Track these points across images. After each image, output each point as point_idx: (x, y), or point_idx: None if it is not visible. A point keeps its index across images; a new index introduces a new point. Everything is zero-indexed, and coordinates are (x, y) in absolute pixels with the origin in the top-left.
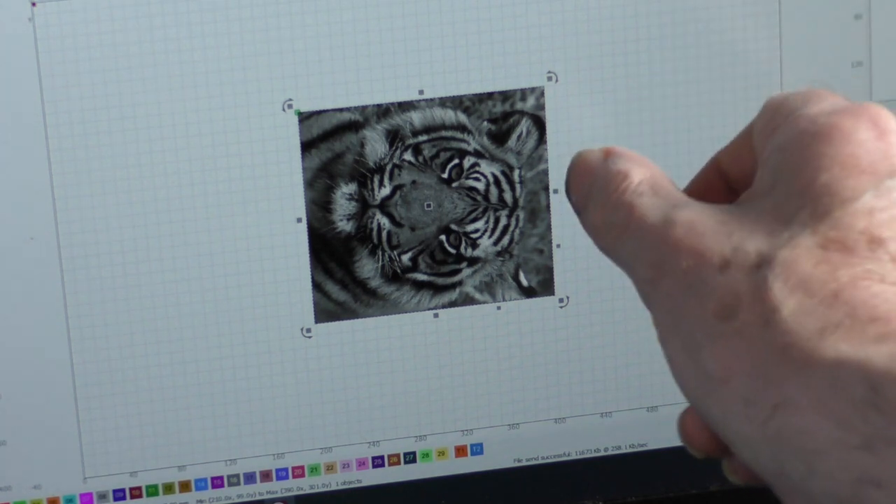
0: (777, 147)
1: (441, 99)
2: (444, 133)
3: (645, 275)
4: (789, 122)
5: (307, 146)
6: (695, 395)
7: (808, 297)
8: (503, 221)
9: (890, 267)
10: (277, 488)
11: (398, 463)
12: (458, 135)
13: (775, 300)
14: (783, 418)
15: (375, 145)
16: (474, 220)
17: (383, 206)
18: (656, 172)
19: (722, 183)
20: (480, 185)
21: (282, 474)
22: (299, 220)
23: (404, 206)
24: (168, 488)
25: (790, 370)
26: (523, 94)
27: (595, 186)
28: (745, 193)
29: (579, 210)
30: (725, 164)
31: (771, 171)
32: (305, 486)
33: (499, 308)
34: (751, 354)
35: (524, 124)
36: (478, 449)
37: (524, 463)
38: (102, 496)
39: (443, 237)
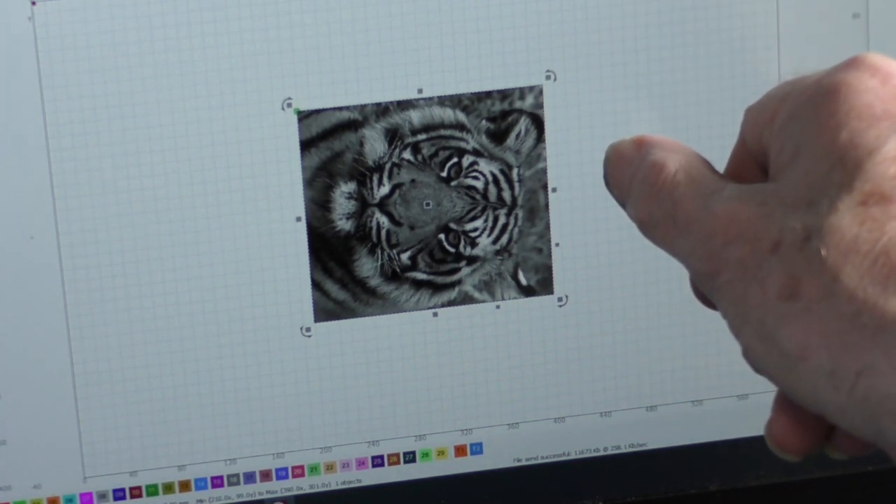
0: (788, 117)
1: (440, 98)
2: (442, 132)
3: (702, 270)
4: (792, 96)
5: (306, 145)
6: (779, 376)
7: (862, 259)
8: (502, 220)
9: None
10: (277, 488)
11: (398, 463)
12: (457, 133)
13: (832, 269)
14: (868, 383)
15: (374, 144)
16: (473, 218)
17: (382, 205)
18: (691, 157)
19: (753, 160)
20: (479, 184)
21: (281, 474)
22: (298, 219)
23: (403, 205)
24: (168, 488)
25: (864, 336)
26: (522, 92)
27: (634, 180)
28: (772, 170)
29: (622, 204)
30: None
31: (791, 142)
32: (305, 485)
33: (498, 307)
34: (823, 328)
35: (523, 123)
36: (477, 448)
37: (524, 463)
38: (102, 496)
39: (442, 236)
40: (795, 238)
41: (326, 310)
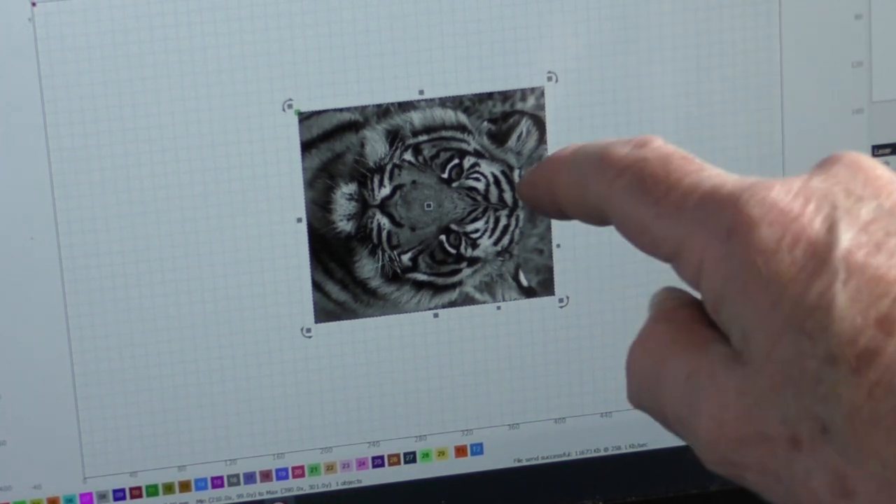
0: (714, 301)
1: (441, 99)
2: (444, 133)
3: (722, 471)
4: (704, 272)
5: (307, 146)
6: None
7: (890, 432)
8: (503, 221)
9: None
10: (277, 488)
11: (398, 463)
12: (459, 135)
13: (873, 454)
14: None
15: (375, 145)
16: (474, 220)
17: (383, 206)
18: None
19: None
20: (480, 185)
21: (282, 474)
22: (299, 220)
23: (404, 206)
24: (168, 488)
25: None
26: (523, 94)
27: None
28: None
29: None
30: None
31: (735, 327)
32: (305, 486)
33: (499, 308)
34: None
35: (524, 124)
36: (478, 449)
37: (524, 463)
38: (102, 496)
39: (443, 237)
40: (812, 430)
41: (327, 311)
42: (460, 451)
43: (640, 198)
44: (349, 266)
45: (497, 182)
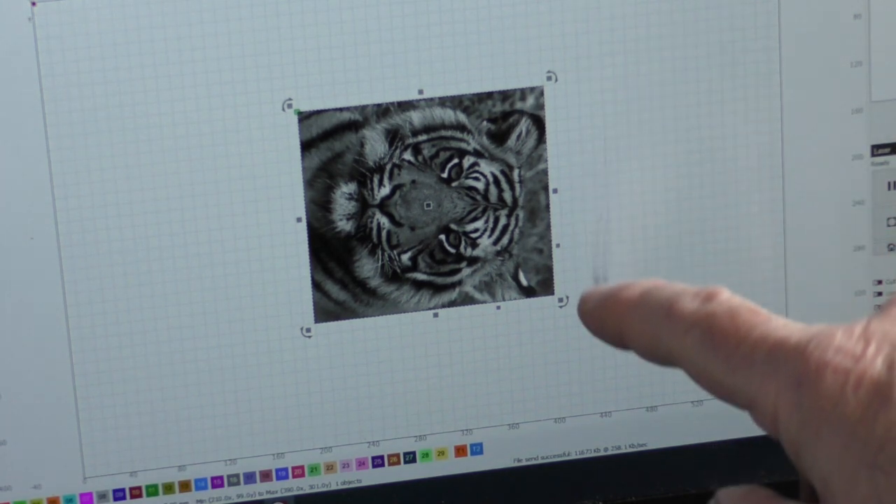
0: (795, 450)
1: (441, 98)
2: (443, 133)
3: None
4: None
5: (307, 146)
6: None
7: None
8: (503, 221)
9: None
10: (277, 488)
11: (398, 463)
12: (458, 134)
13: None
14: None
15: (375, 145)
16: (474, 219)
17: (383, 206)
18: None
19: None
20: (480, 185)
21: (282, 474)
22: (299, 219)
23: (404, 206)
24: (168, 488)
25: None
26: (523, 93)
27: None
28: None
29: None
30: None
31: (816, 474)
32: (305, 485)
33: (498, 308)
34: None
35: (524, 124)
36: (478, 449)
37: (524, 463)
38: (102, 496)
39: (442, 237)
40: None
41: (327, 310)
42: (460, 450)
43: (711, 353)
44: (349, 266)
45: (496, 181)
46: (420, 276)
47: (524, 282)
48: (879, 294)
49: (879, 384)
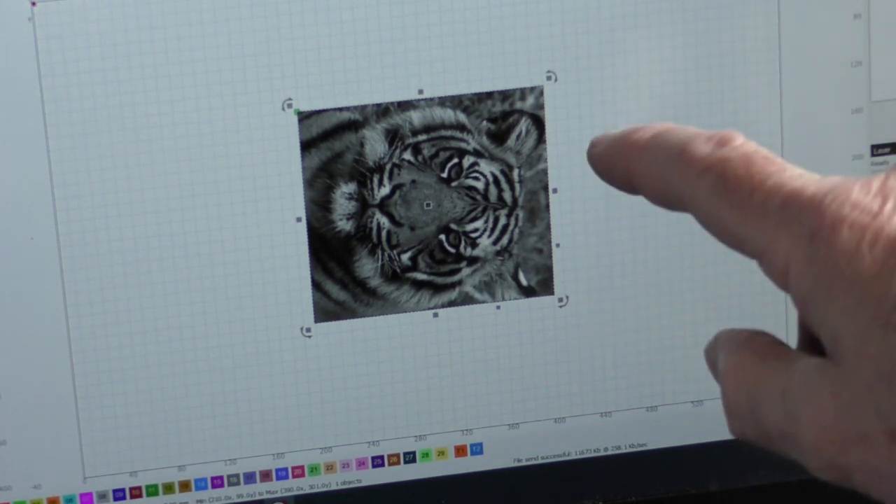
0: (805, 303)
1: (440, 98)
2: (443, 132)
3: (828, 476)
4: (792, 276)
5: (307, 145)
6: None
7: None
8: (502, 221)
9: None
10: (277, 488)
11: (398, 463)
12: (458, 134)
13: None
14: None
15: (375, 145)
16: (474, 219)
17: (383, 206)
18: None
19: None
20: (480, 185)
21: (282, 474)
22: (299, 219)
23: (404, 206)
24: (168, 488)
25: None
26: (523, 93)
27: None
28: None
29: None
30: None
31: (825, 330)
32: (305, 485)
33: (498, 308)
34: None
35: (523, 124)
36: (478, 449)
37: (524, 463)
38: (102, 496)
39: (442, 236)
40: None
41: (327, 310)
42: (460, 450)
43: (724, 199)
44: (349, 265)
45: (496, 181)
46: (420, 276)
47: (524, 282)
48: None
49: None
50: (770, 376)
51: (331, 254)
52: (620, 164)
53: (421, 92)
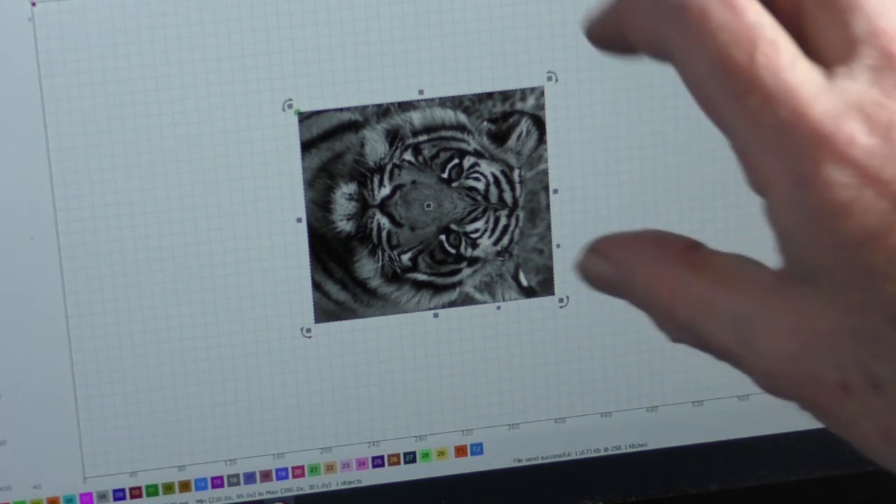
0: (780, 235)
1: (441, 99)
2: (443, 133)
3: (783, 396)
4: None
5: (307, 146)
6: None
7: None
8: (503, 221)
9: None
10: (277, 488)
11: (398, 463)
12: (458, 135)
13: None
14: None
15: (375, 145)
16: (474, 219)
17: (383, 206)
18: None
19: None
20: (480, 185)
21: (282, 474)
22: (299, 219)
23: (404, 206)
24: (168, 488)
25: None
26: (523, 93)
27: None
28: (784, 267)
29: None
30: None
31: (796, 262)
32: (305, 486)
33: (499, 308)
34: None
35: (524, 124)
36: (478, 449)
37: (524, 463)
38: (102, 496)
39: (443, 237)
40: (863, 383)
41: (327, 311)
42: (460, 451)
43: (717, 82)
44: (349, 266)
45: (497, 182)
46: (420, 277)
47: (524, 282)
48: None
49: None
50: (717, 297)
51: (331, 254)
52: (612, 21)
53: (421, 92)
